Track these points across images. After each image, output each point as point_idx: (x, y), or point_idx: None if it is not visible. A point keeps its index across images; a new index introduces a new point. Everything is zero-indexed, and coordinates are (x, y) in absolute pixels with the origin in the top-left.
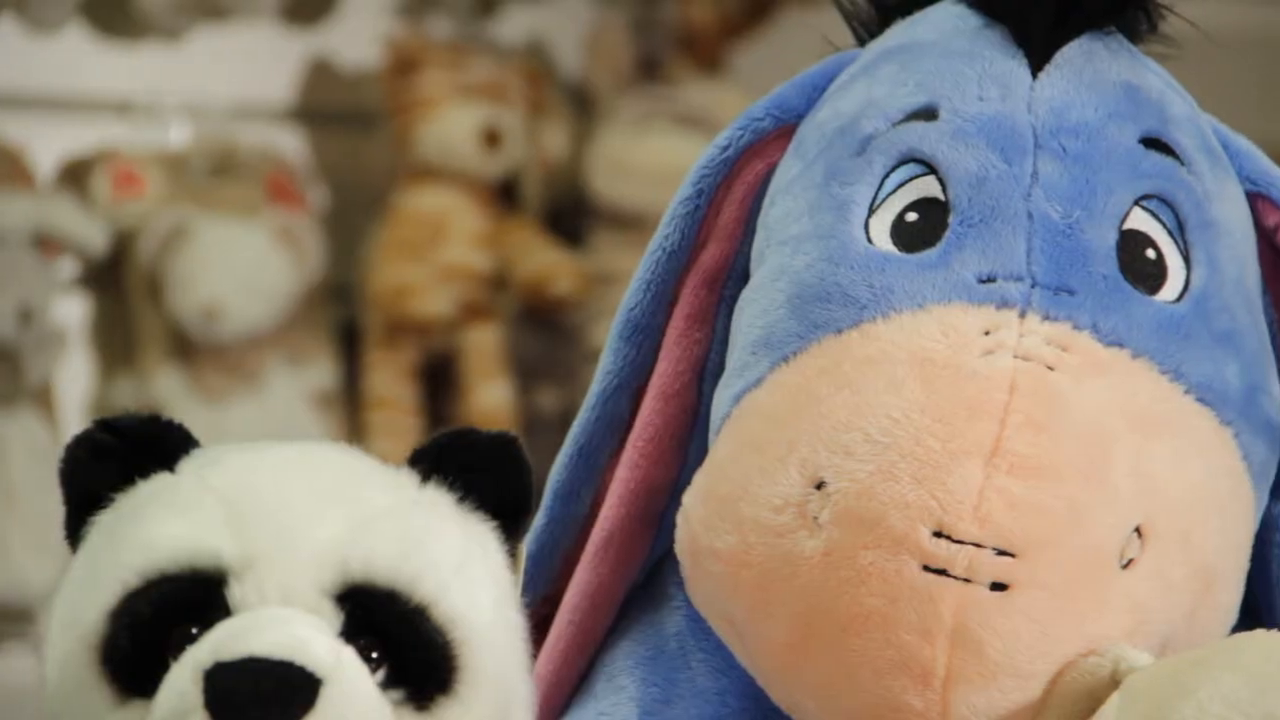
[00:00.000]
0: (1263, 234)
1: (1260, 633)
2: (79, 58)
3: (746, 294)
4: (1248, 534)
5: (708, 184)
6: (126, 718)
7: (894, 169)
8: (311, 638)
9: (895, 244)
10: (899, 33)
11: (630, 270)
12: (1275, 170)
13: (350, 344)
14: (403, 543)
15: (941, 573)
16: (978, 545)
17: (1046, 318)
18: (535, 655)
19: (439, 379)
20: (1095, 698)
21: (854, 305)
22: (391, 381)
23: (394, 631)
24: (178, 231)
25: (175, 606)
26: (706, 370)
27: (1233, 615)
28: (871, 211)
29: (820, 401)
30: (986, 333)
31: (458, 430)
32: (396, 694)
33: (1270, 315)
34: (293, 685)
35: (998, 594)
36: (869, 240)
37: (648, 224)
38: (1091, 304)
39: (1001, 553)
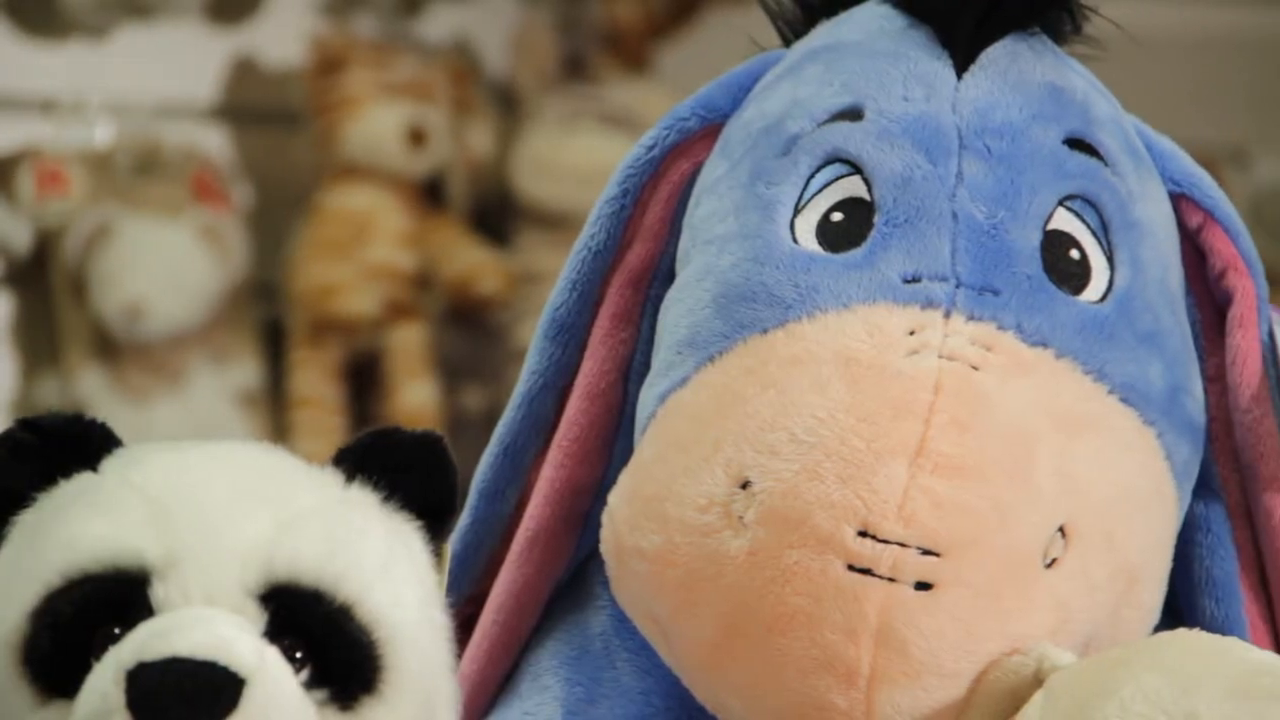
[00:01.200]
0: (1185, 234)
1: (1182, 632)
2: (2, 56)
3: (672, 294)
4: (1170, 534)
5: (633, 183)
6: (48, 718)
7: (819, 169)
8: (235, 638)
9: (821, 244)
10: (824, 33)
11: (556, 270)
12: (1198, 171)
13: (275, 343)
14: (327, 542)
15: (866, 572)
16: (902, 545)
17: (971, 318)
18: (460, 655)
19: (364, 378)
20: (1019, 696)
21: (779, 305)
22: (316, 381)
23: (318, 631)
24: (102, 230)
25: (97, 606)
26: (632, 370)
27: (1155, 615)
28: (797, 211)
29: (745, 401)
30: (911, 333)
31: (382, 430)
32: (320, 694)
33: (1193, 315)
34: (216, 686)
35: (922, 593)
36: (794, 240)
37: (573, 223)
38: (1016, 304)
39: (926, 552)
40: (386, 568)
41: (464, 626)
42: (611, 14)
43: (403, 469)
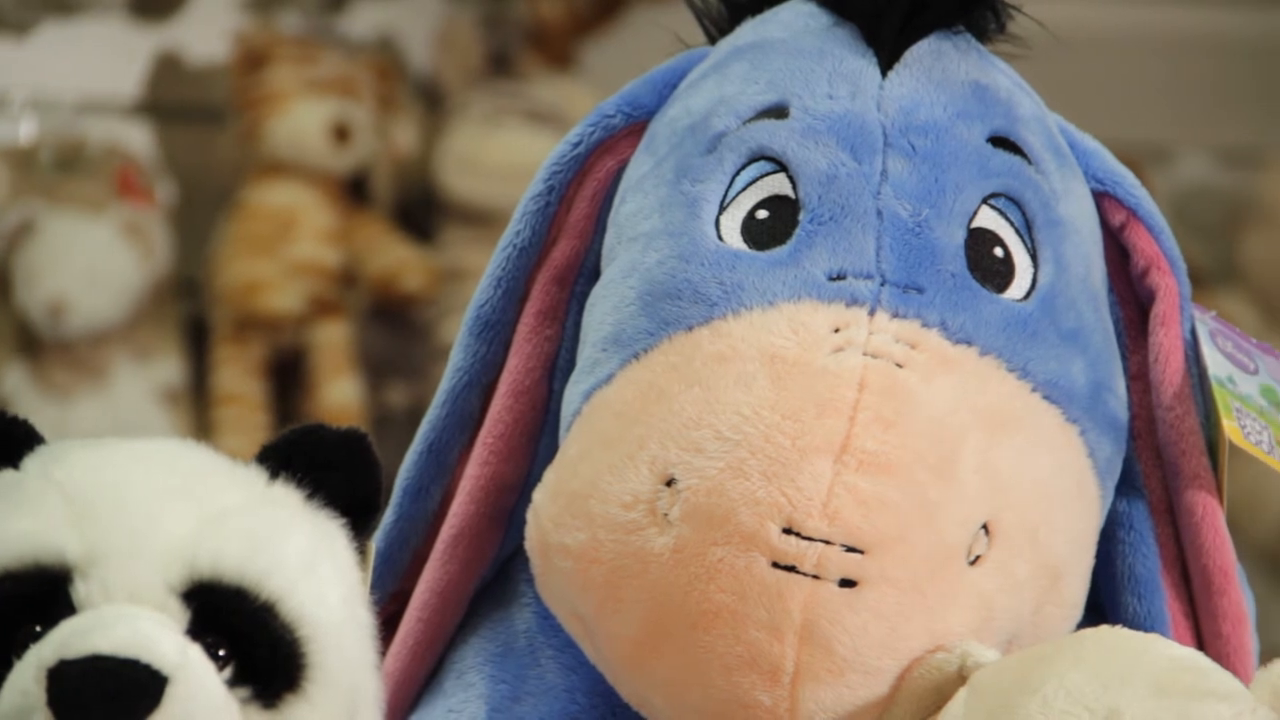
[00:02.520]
0: (1108, 232)
1: (1104, 629)
2: None
3: (597, 291)
4: (1093, 531)
5: (559, 180)
6: None
7: (744, 166)
8: (158, 635)
9: (746, 241)
10: (749, 31)
11: (481, 267)
12: (1121, 169)
13: (198, 340)
14: (251, 540)
15: (791, 569)
16: (827, 542)
17: (895, 315)
18: (384, 652)
19: (288, 375)
20: (942, 693)
21: (705, 302)
22: (240, 378)
23: (241, 629)
24: (25, 226)
25: (18, 604)
26: (557, 367)
27: (1078, 612)
28: (722, 209)
29: (670, 398)
30: (836, 330)
31: (307, 427)
32: (244, 692)
33: (1116, 313)
34: (139, 683)
35: (846, 590)
36: (720, 238)
37: (498, 220)
38: (940, 302)
39: (850, 549)
40: (310, 565)
41: (388, 624)
42: (536, 11)
43: (327, 466)
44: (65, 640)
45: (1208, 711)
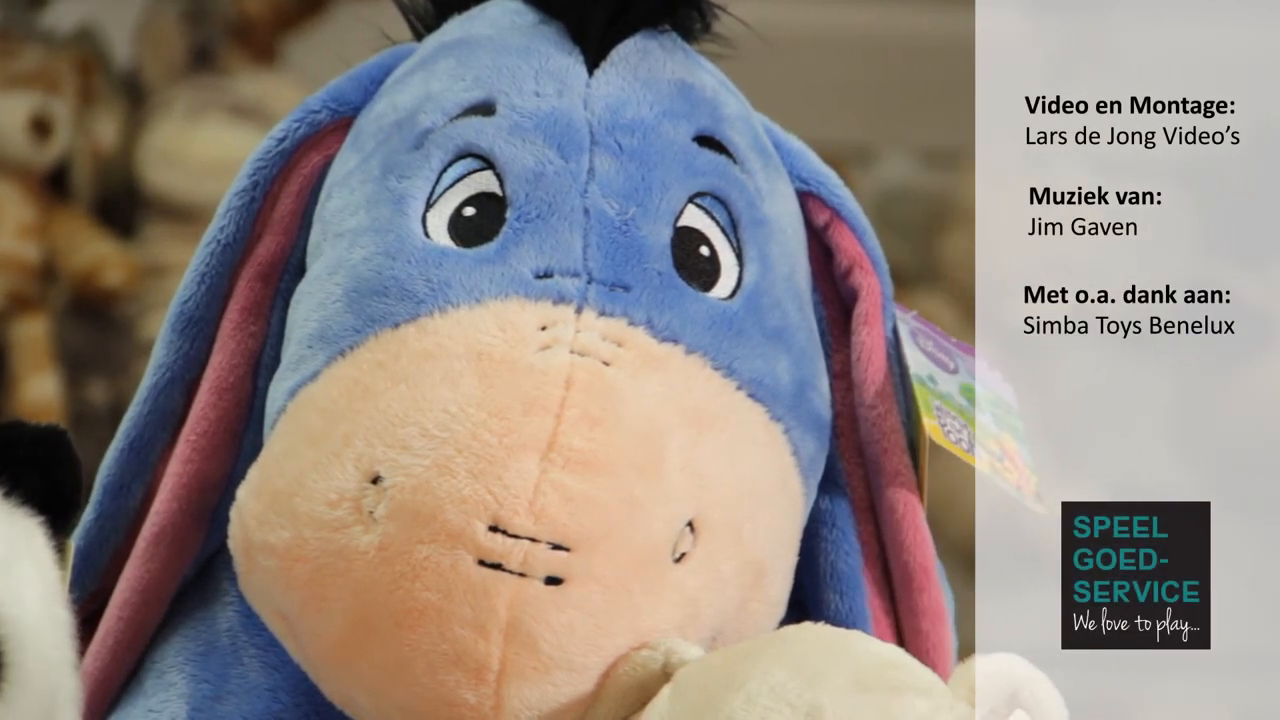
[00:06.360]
0: (813, 232)
1: (808, 625)
2: None
3: (303, 287)
4: (797, 528)
5: (263, 176)
6: None
7: (451, 163)
8: None
9: (453, 238)
10: (455, 27)
11: (183, 262)
12: (825, 170)
13: None
14: None
15: (497, 567)
16: (533, 539)
17: (602, 313)
18: (83, 652)
19: None
20: (647, 690)
21: (411, 299)
22: None
23: None
24: None
25: None
26: (262, 364)
27: (782, 608)
28: (429, 206)
29: (376, 396)
30: (543, 328)
31: (4, 424)
32: None
33: (820, 312)
34: None
35: (552, 588)
36: (426, 235)
37: (201, 216)
38: (646, 300)
39: (557, 547)
40: (7, 564)
41: (87, 623)
42: (240, 5)
43: (24, 464)
44: None
45: (907, 706)
